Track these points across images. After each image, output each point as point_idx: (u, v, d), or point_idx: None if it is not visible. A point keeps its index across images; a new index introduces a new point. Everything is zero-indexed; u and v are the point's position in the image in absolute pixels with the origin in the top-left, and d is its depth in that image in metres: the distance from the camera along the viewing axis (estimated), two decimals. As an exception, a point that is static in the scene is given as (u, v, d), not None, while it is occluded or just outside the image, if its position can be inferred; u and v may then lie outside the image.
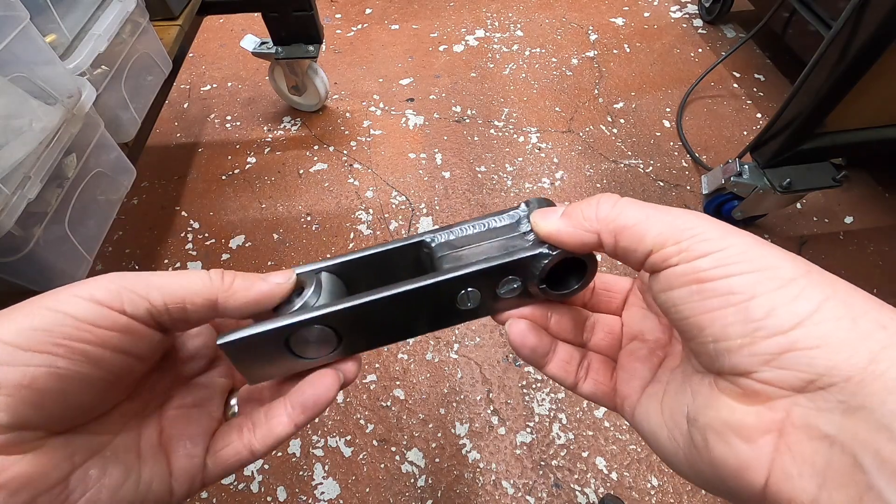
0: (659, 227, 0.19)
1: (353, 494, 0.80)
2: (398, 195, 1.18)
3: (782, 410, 0.16)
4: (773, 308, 0.16)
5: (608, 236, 0.20)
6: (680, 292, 0.18)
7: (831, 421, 0.15)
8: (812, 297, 0.16)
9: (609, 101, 1.37)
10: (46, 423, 0.18)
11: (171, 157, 1.29)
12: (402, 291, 0.22)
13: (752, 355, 0.16)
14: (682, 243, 0.18)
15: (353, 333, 0.23)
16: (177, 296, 0.20)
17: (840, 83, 0.77)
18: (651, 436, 0.21)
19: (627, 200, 0.20)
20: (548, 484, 0.80)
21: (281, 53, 1.18)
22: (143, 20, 0.79)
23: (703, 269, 0.18)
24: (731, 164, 0.97)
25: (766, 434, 0.16)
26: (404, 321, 0.24)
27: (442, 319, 0.24)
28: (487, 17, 1.66)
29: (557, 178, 1.20)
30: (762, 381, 0.16)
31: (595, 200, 0.21)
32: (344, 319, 0.22)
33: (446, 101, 1.39)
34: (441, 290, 0.23)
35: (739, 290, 0.17)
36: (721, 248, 0.18)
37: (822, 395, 0.15)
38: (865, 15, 0.69)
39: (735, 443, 0.17)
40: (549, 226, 0.22)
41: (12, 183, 0.50)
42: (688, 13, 1.64)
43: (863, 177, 1.18)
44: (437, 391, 0.90)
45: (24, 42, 0.53)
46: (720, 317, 0.17)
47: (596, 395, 0.25)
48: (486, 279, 0.23)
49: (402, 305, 0.23)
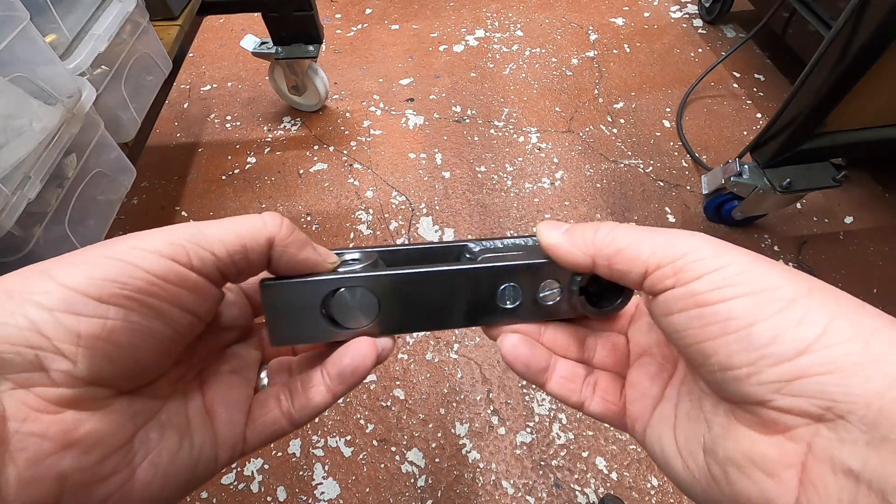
0: (651, 247, 0.19)
1: (353, 494, 0.80)
2: (398, 195, 1.18)
3: (804, 442, 0.15)
4: (776, 335, 0.16)
5: (602, 260, 0.20)
6: (679, 318, 0.18)
7: (855, 454, 0.14)
8: (817, 320, 0.15)
9: (609, 101, 1.37)
10: (117, 381, 0.18)
11: (171, 157, 1.29)
12: (446, 269, 0.23)
13: (761, 384, 0.16)
14: (676, 263, 0.18)
15: (393, 307, 0.23)
16: (238, 243, 0.19)
17: (840, 83, 0.77)
18: (664, 463, 0.21)
19: (625, 226, 0.20)
20: (548, 484, 0.80)
21: (281, 53, 1.18)
22: (143, 20, 0.79)
23: (699, 293, 0.17)
24: (731, 164, 0.97)
25: (790, 468, 0.15)
26: (442, 305, 0.24)
27: (480, 314, 0.24)
28: (487, 17, 1.66)
29: (557, 178, 1.20)
30: (779, 410, 0.16)
31: (595, 225, 0.21)
32: (388, 287, 0.22)
33: (446, 101, 1.39)
34: (482, 278, 0.23)
35: (739, 316, 0.16)
36: (716, 267, 0.17)
37: (842, 424, 0.14)
38: (865, 15, 0.69)
39: (759, 478, 0.16)
40: (549, 238, 0.22)
41: (12, 183, 0.50)
42: (688, 13, 1.64)
43: (863, 177, 1.18)
44: (437, 391, 0.90)
45: (24, 42, 0.53)
46: (723, 344, 0.17)
47: (605, 415, 0.24)
48: (528, 277, 0.23)
49: (444, 286, 0.23)
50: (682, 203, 1.15)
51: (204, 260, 0.18)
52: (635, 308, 0.25)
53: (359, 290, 0.22)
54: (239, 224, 0.20)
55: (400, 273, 0.23)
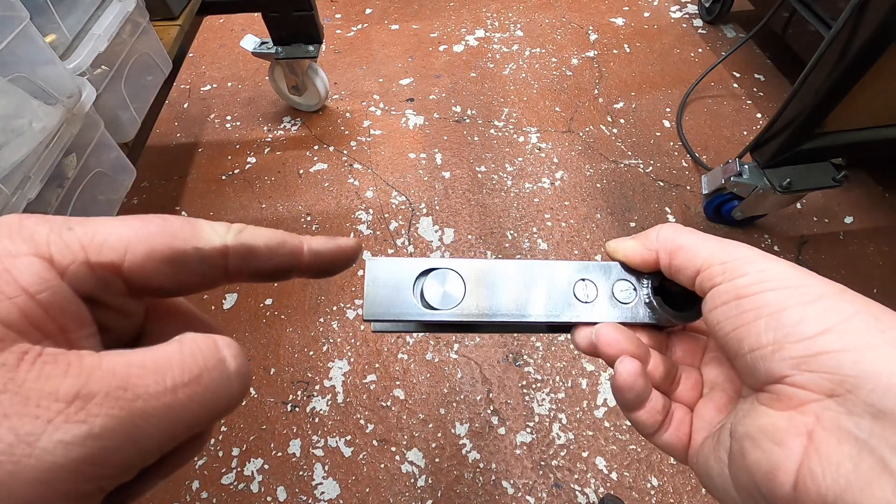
0: (709, 249, 0.21)
1: (353, 494, 0.80)
2: (398, 195, 1.18)
3: (813, 415, 0.17)
4: (803, 318, 0.17)
5: (664, 255, 0.23)
6: (722, 309, 0.20)
7: (860, 424, 0.15)
8: (841, 311, 0.17)
9: (609, 101, 1.37)
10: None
11: (171, 157, 1.29)
12: (527, 262, 0.25)
13: (783, 360, 0.17)
14: (727, 264, 0.20)
15: (477, 292, 0.25)
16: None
17: (840, 83, 0.77)
18: (705, 469, 0.21)
19: (687, 229, 0.23)
20: (548, 484, 0.80)
21: (281, 53, 1.18)
22: (143, 20, 0.79)
23: (741, 286, 0.19)
24: (731, 164, 0.97)
25: (797, 437, 0.17)
26: (522, 296, 0.25)
27: (559, 307, 0.25)
28: (487, 17, 1.66)
29: (557, 178, 1.20)
30: (795, 385, 0.17)
31: (658, 227, 0.24)
32: (475, 273, 0.25)
33: (446, 101, 1.39)
34: (558, 272, 0.25)
35: (773, 302, 0.18)
36: (761, 269, 0.19)
37: (851, 398, 0.16)
38: (865, 15, 0.69)
39: (767, 446, 0.17)
40: (619, 245, 0.25)
41: (12, 183, 0.50)
42: (688, 13, 1.64)
43: (863, 177, 1.18)
44: (437, 391, 0.90)
45: (24, 42, 0.53)
46: (754, 327, 0.18)
47: (674, 447, 0.24)
48: (601, 275, 0.25)
49: (524, 276, 0.25)
50: (682, 203, 1.15)
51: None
52: (706, 342, 0.26)
53: (450, 273, 0.25)
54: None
55: (485, 261, 0.25)
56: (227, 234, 0.16)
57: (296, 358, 0.95)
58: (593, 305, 0.25)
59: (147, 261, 0.15)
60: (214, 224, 0.16)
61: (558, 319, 0.25)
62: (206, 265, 0.16)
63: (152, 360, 0.13)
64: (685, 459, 0.24)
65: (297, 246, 0.18)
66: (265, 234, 0.17)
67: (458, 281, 0.25)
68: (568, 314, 0.25)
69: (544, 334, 0.96)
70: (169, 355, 0.14)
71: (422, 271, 0.25)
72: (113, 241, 0.14)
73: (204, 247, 0.16)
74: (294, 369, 0.93)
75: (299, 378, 0.92)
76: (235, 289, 1.03)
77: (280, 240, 0.18)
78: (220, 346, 0.15)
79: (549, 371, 0.91)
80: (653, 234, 0.24)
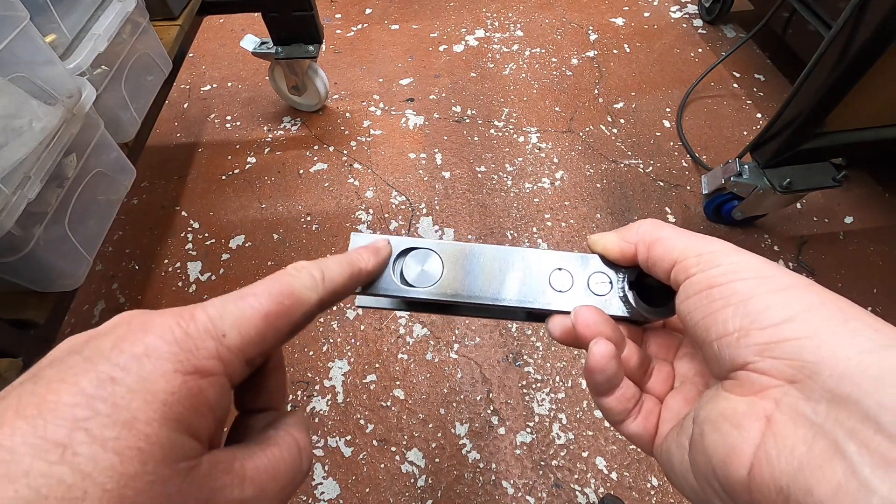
0: (685, 242, 0.22)
1: (353, 494, 0.80)
2: (398, 195, 1.18)
3: (772, 399, 0.17)
4: (768, 305, 0.18)
5: (643, 247, 0.23)
6: (694, 300, 0.20)
7: (816, 409, 0.15)
8: (806, 300, 0.17)
9: (609, 101, 1.37)
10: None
11: (171, 157, 1.29)
12: (505, 247, 0.26)
13: (747, 346, 0.18)
14: (702, 256, 0.21)
15: (454, 273, 0.25)
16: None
17: (840, 83, 0.77)
18: (667, 456, 0.22)
19: (667, 224, 0.23)
20: (548, 484, 0.80)
21: (281, 53, 1.18)
22: (143, 20, 0.79)
23: (713, 277, 0.20)
24: (731, 164, 0.97)
25: (756, 421, 0.17)
26: (498, 279, 0.26)
27: (532, 294, 0.25)
28: (487, 17, 1.66)
29: (557, 178, 1.20)
30: (757, 371, 0.17)
31: (640, 221, 0.24)
32: (453, 254, 0.25)
33: (446, 101, 1.39)
34: (534, 260, 0.26)
35: (741, 292, 0.19)
36: (733, 260, 0.20)
37: (809, 384, 0.16)
38: (865, 15, 0.69)
39: (726, 429, 0.17)
40: (600, 238, 0.25)
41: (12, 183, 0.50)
42: (688, 13, 1.64)
43: (863, 177, 1.18)
44: (437, 391, 0.90)
45: (24, 42, 0.53)
46: (722, 315, 0.19)
47: (640, 437, 0.24)
48: (578, 266, 0.26)
49: (501, 261, 0.26)
50: (682, 203, 1.15)
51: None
52: (681, 339, 0.27)
53: (428, 253, 0.25)
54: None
55: (464, 244, 0.26)
56: (318, 286, 0.20)
57: (296, 358, 0.95)
58: (567, 295, 0.25)
59: (275, 344, 0.18)
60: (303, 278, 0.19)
61: (531, 305, 0.25)
62: (306, 321, 0.19)
63: (272, 469, 0.18)
64: (651, 450, 0.24)
65: (363, 268, 0.23)
66: (339, 272, 0.21)
67: (437, 262, 0.25)
68: (541, 301, 0.25)
69: (545, 336, 0.96)
70: (276, 463, 0.18)
71: (402, 250, 0.25)
72: (254, 337, 0.17)
73: (307, 311, 0.19)
74: (294, 369, 0.93)
75: (299, 378, 0.92)
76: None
77: (349, 272, 0.22)
78: (302, 460, 0.19)
79: (549, 371, 0.91)
80: (633, 228, 0.24)
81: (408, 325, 0.98)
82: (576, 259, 0.26)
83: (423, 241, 0.26)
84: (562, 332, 0.25)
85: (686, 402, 0.24)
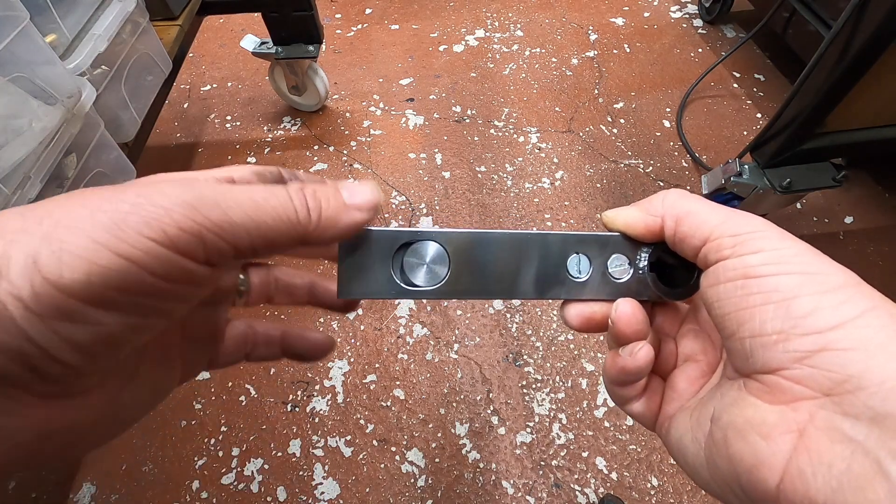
0: (720, 217, 0.19)
1: (353, 494, 0.80)
2: (398, 195, 1.18)
3: (806, 412, 0.16)
4: (815, 308, 0.16)
5: (670, 220, 0.21)
6: (726, 287, 0.18)
7: (857, 426, 0.14)
8: (858, 304, 0.16)
9: (609, 101, 1.37)
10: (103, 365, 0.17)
11: (171, 157, 1.29)
12: (519, 233, 0.23)
13: (786, 352, 0.16)
14: (739, 237, 0.18)
15: (463, 267, 0.23)
16: (264, 238, 0.17)
17: (840, 83, 0.77)
18: (677, 444, 0.21)
19: (695, 195, 0.21)
20: (548, 484, 0.80)
21: (281, 53, 1.18)
22: (143, 20, 0.79)
23: (752, 266, 0.18)
24: (731, 164, 0.96)
25: (787, 434, 0.16)
26: (512, 270, 0.23)
27: (549, 284, 0.24)
28: (487, 17, 1.66)
29: (557, 178, 1.20)
30: (791, 380, 0.16)
31: (664, 192, 0.22)
32: (462, 245, 0.23)
33: (446, 101, 1.39)
34: (552, 245, 0.23)
35: (784, 289, 0.17)
36: (775, 248, 0.18)
37: (849, 398, 0.15)
38: (865, 15, 0.69)
39: (753, 439, 0.16)
40: (619, 213, 0.23)
41: (12, 183, 0.50)
42: (688, 13, 1.64)
43: (863, 177, 1.18)
44: (437, 391, 0.90)
45: (24, 42, 0.53)
46: (760, 312, 0.17)
47: (643, 415, 0.24)
48: (596, 248, 0.23)
49: (515, 250, 0.23)
50: (682, 203, 1.15)
51: (223, 254, 0.16)
52: (686, 312, 0.25)
53: (433, 245, 0.22)
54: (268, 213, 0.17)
55: (475, 231, 0.23)
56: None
57: (296, 358, 0.95)
58: (585, 283, 0.24)
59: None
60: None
61: (549, 298, 0.24)
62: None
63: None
64: (653, 427, 0.23)
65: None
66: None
67: (443, 255, 0.23)
68: (557, 291, 0.24)
69: (545, 336, 0.96)
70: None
71: (403, 242, 0.22)
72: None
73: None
74: (294, 369, 0.93)
75: (299, 378, 0.92)
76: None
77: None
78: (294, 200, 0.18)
79: (549, 371, 0.91)
80: (657, 200, 0.22)
81: (408, 325, 0.98)
82: (594, 240, 0.23)
83: (427, 230, 0.23)
84: (580, 322, 0.23)
85: (689, 382, 0.23)
